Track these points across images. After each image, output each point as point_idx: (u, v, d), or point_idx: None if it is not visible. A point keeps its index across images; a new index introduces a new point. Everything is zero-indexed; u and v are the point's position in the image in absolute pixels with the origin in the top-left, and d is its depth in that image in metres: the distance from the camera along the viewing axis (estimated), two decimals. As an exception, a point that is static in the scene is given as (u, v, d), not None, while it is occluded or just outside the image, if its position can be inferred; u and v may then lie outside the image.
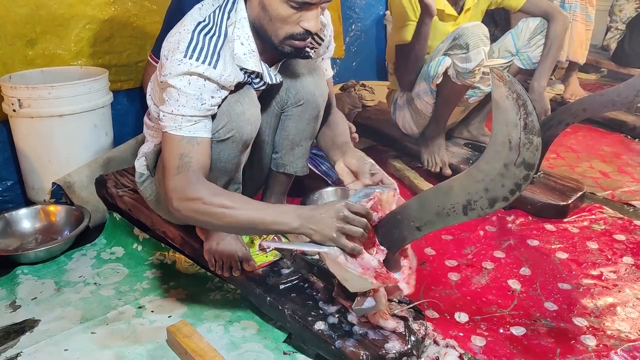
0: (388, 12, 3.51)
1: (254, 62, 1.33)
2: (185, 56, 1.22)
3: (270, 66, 1.42)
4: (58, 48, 2.14)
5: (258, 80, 1.39)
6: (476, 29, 2.00)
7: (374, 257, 1.19)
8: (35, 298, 1.58)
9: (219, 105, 1.31)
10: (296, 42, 1.29)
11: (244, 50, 1.32)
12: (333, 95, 1.69)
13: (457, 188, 1.07)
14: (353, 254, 1.16)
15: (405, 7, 2.15)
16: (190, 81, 1.23)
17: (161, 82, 1.27)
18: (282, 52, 1.33)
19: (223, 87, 1.29)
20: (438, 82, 2.13)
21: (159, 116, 1.30)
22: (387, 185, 1.37)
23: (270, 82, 1.40)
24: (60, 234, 1.91)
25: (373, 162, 1.48)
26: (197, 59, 1.22)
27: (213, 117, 1.31)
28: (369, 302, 1.24)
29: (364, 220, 1.17)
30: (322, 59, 1.62)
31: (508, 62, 2.34)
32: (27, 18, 2.03)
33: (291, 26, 1.26)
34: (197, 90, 1.24)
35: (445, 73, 2.10)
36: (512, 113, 0.95)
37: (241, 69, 1.33)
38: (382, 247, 1.22)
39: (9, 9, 1.98)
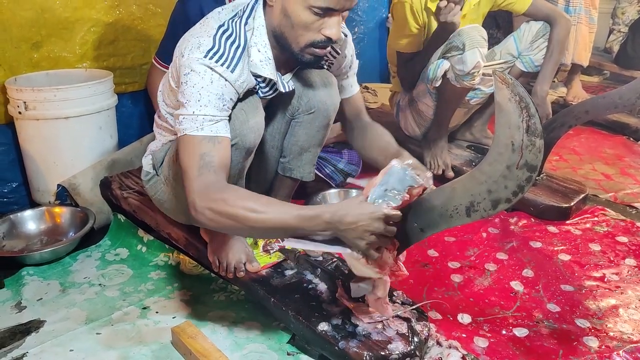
0: (390, 15, 3.52)
1: (270, 70, 1.34)
2: (205, 57, 1.22)
3: (283, 74, 1.43)
4: (63, 51, 2.15)
5: (267, 88, 1.40)
6: (472, 31, 2.00)
7: (389, 255, 1.20)
8: (41, 299, 1.59)
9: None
10: (317, 49, 1.30)
11: (260, 58, 1.32)
12: (363, 107, 1.67)
13: (460, 190, 1.08)
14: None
15: (408, 18, 2.14)
16: (213, 80, 1.23)
17: (182, 82, 1.25)
18: (300, 60, 1.33)
19: (236, 92, 1.29)
20: (437, 85, 2.13)
21: (175, 119, 1.27)
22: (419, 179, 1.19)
23: (283, 91, 1.40)
24: (65, 236, 1.91)
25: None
26: (217, 61, 1.23)
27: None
28: (367, 284, 1.28)
29: (394, 228, 1.14)
30: (347, 76, 1.61)
31: (507, 62, 2.34)
32: (32, 21, 2.04)
33: (313, 33, 1.27)
34: (220, 89, 1.24)
35: (444, 76, 2.10)
36: (514, 115, 0.96)
37: (254, 76, 1.34)
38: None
39: (15, 12, 2.00)
